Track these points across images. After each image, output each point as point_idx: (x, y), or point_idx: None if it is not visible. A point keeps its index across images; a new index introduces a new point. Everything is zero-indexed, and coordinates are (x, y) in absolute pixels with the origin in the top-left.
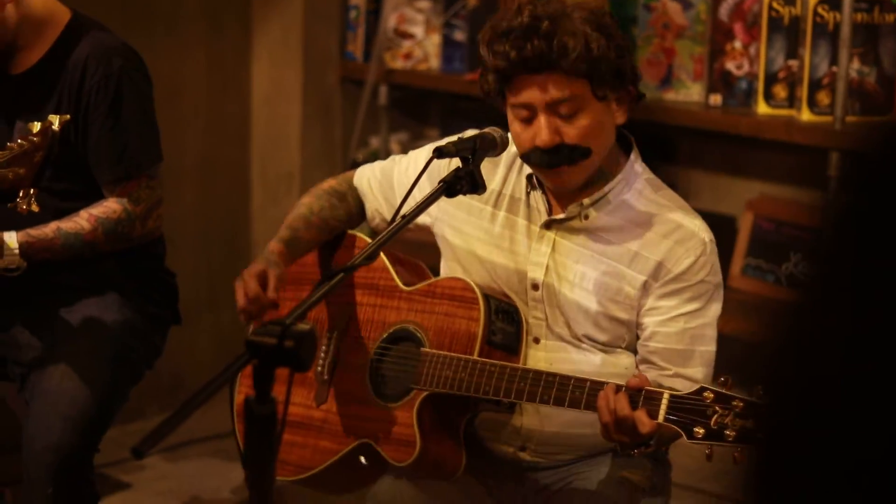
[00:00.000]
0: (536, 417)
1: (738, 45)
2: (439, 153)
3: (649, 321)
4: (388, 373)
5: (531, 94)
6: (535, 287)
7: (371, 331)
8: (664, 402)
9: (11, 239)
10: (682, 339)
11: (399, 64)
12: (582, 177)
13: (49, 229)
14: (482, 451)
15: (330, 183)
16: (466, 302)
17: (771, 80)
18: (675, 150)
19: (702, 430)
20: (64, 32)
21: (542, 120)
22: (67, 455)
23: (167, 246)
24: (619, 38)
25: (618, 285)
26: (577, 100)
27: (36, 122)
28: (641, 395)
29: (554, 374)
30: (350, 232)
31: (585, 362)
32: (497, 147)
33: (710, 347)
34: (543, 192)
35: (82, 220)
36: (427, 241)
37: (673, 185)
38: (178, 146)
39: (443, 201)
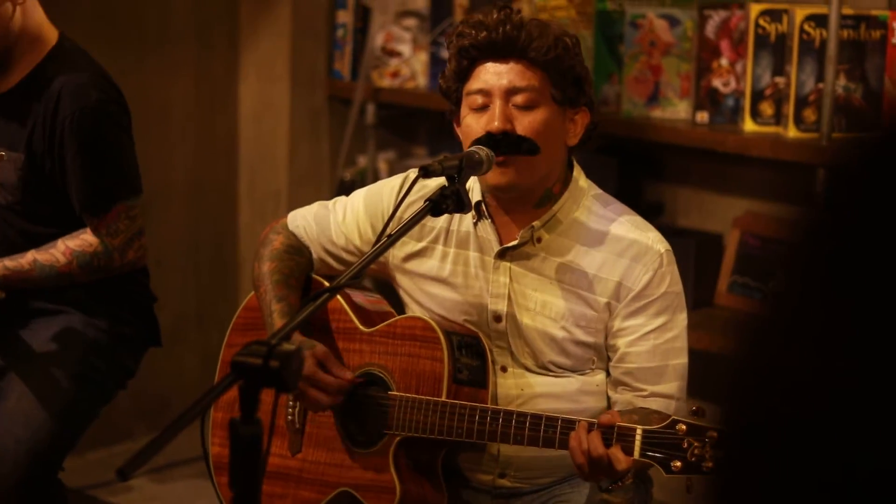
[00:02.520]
0: (511, 448)
1: (724, 62)
2: (425, 172)
3: (620, 342)
4: (359, 418)
5: (490, 79)
6: (498, 319)
7: (341, 357)
8: (638, 437)
9: None
10: (653, 356)
11: (386, 82)
12: (530, 177)
13: (25, 260)
14: (462, 482)
15: (279, 240)
16: (429, 342)
17: (757, 97)
18: (661, 168)
19: (679, 464)
20: (46, 57)
21: (497, 105)
22: (23, 478)
23: (154, 264)
24: (582, 58)
25: (580, 310)
26: (535, 92)
27: None
28: (614, 433)
29: (525, 414)
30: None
31: (557, 384)
32: (483, 165)
33: (682, 360)
34: (492, 222)
35: (58, 253)
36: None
37: (660, 203)
38: (166, 164)
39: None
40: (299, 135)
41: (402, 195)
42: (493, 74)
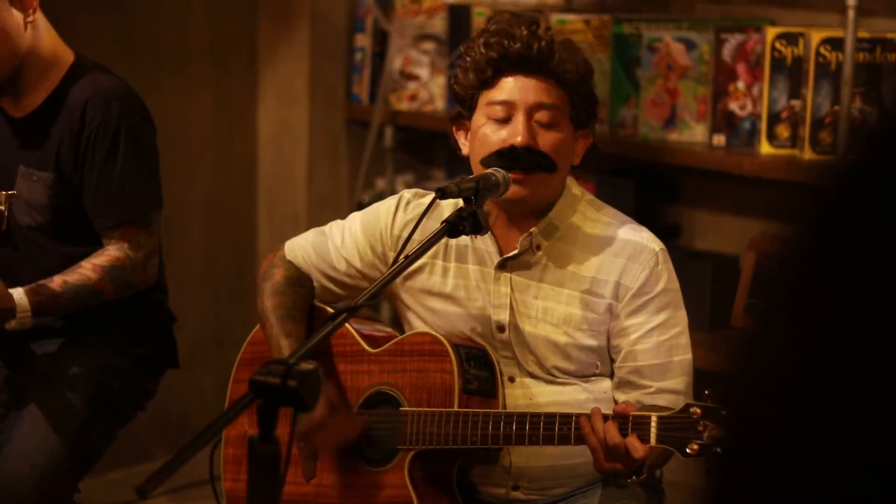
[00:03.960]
0: (525, 454)
1: (741, 85)
2: (442, 194)
3: (623, 342)
4: (372, 438)
5: (517, 93)
6: (501, 329)
7: (346, 398)
8: (653, 424)
9: (22, 300)
10: (658, 353)
11: (404, 106)
12: (543, 193)
13: (55, 284)
14: (475, 497)
15: (280, 273)
16: (437, 355)
17: (774, 119)
18: (678, 191)
19: (696, 446)
20: (66, 76)
21: (520, 120)
22: (38, 502)
23: (173, 285)
24: (591, 73)
25: (581, 314)
26: (558, 112)
27: None
28: (629, 421)
29: (538, 414)
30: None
31: (564, 393)
32: (500, 187)
33: (687, 356)
34: (492, 233)
35: (87, 271)
36: None
37: (676, 226)
38: (185, 185)
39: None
40: (318, 157)
41: (420, 215)
42: (520, 88)
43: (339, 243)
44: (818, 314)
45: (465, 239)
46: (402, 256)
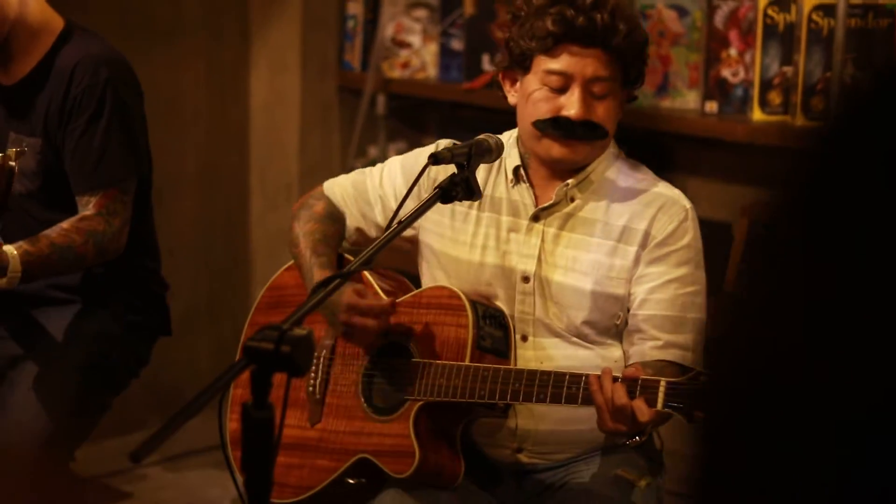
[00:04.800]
0: (531, 417)
1: (733, 52)
2: (435, 159)
3: (639, 290)
4: (381, 386)
5: (575, 65)
6: (526, 279)
7: (360, 346)
8: (661, 390)
9: (15, 259)
10: (673, 305)
11: (396, 73)
12: (592, 155)
13: (43, 245)
14: (480, 458)
15: (320, 206)
16: (453, 309)
17: (766, 86)
18: (671, 158)
19: (701, 414)
20: (56, 42)
21: (577, 92)
22: (33, 470)
23: (166, 254)
24: (647, 38)
25: (610, 261)
26: (612, 83)
27: None
28: (638, 385)
29: (548, 373)
30: None
31: (575, 357)
32: (493, 152)
33: (701, 315)
34: (529, 185)
35: (72, 234)
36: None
37: None
38: (178, 154)
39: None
40: (310, 125)
41: (413, 182)
42: (579, 60)
43: (377, 182)
44: (801, 278)
45: (502, 190)
46: (395, 221)
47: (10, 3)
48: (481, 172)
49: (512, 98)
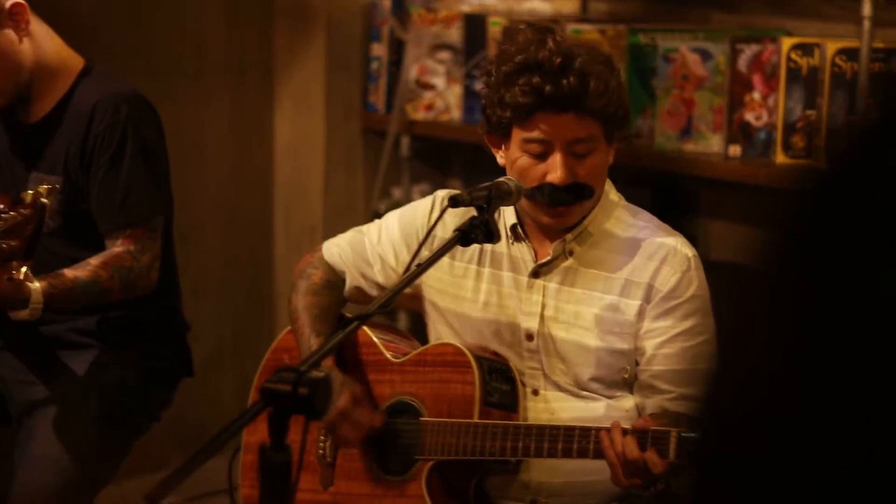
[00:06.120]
0: (544, 470)
1: (756, 95)
2: (454, 202)
3: (648, 345)
4: (391, 447)
5: (552, 131)
6: (530, 337)
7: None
8: (673, 440)
9: (37, 292)
10: (683, 359)
11: (421, 115)
12: (580, 216)
13: (67, 279)
14: None
15: (318, 275)
16: (459, 366)
17: (790, 130)
18: (694, 201)
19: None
20: (75, 81)
21: (558, 157)
22: None
23: (190, 294)
24: (622, 80)
25: (614, 317)
26: (593, 141)
27: (29, 192)
28: (649, 437)
29: (557, 427)
30: None
31: (587, 409)
32: (512, 195)
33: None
34: (528, 241)
35: (98, 268)
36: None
37: (693, 236)
38: (201, 194)
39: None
40: (334, 167)
41: (432, 224)
42: (555, 126)
43: (375, 241)
44: (794, 318)
45: (502, 245)
46: (413, 265)
47: (24, 52)
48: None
49: (500, 160)
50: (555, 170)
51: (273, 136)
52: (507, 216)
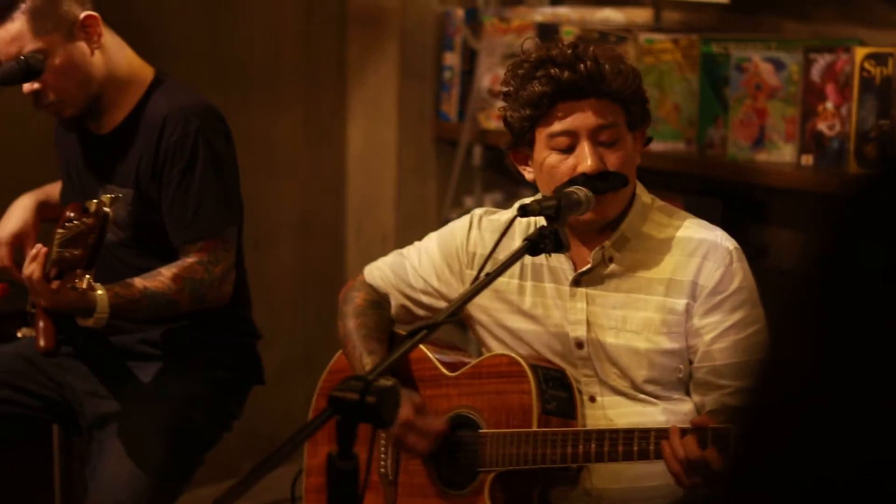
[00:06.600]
0: (605, 476)
1: (829, 105)
2: (523, 212)
3: (699, 342)
4: (451, 461)
5: (575, 120)
6: (580, 345)
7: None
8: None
9: (103, 301)
10: (735, 351)
11: (493, 124)
12: (620, 207)
13: (135, 289)
14: None
15: (360, 297)
16: (514, 376)
17: (862, 139)
18: (766, 211)
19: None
20: (146, 93)
21: (585, 146)
22: None
23: (263, 303)
24: (636, 68)
25: (661, 317)
26: (618, 127)
27: (92, 201)
28: (709, 434)
29: (616, 430)
30: None
31: (645, 413)
32: (582, 205)
33: None
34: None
35: (167, 279)
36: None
37: (765, 246)
38: (274, 203)
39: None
40: (406, 176)
41: (503, 233)
42: (577, 115)
43: (416, 263)
44: (840, 326)
45: (540, 257)
46: (482, 274)
47: (96, 64)
48: (517, 242)
49: (529, 175)
50: (584, 159)
51: (345, 145)
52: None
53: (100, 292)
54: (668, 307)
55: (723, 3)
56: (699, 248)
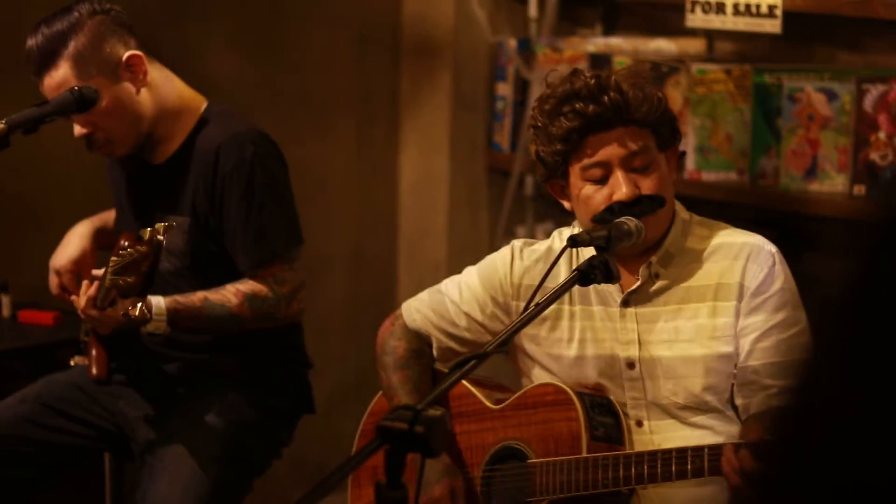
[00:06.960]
0: (655, 500)
1: (882, 135)
2: (574, 242)
3: (744, 341)
4: (502, 493)
5: (607, 151)
6: (631, 365)
7: (473, 457)
8: None
9: (160, 305)
10: (778, 351)
11: None
12: (661, 228)
13: (196, 298)
14: None
15: (402, 347)
16: (561, 404)
17: None
18: (819, 241)
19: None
20: (199, 121)
21: (619, 175)
22: None
23: (315, 333)
24: (660, 88)
25: (713, 322)
26: (649, 151)
27: (146, 230)
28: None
29: (668, 450)
30: None
31: (691, 438)
32: (632, 235)
33: None
34: None
35: (229, 294)
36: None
37: (818, 275)
38: (327, 233)
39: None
40: (458, 206)
41: (553, 262)
42: (607, 146)
43: (457, 299)
44: (878, 338)
45: None
46: (532, 304)
47: (143, 102)
48: (563, 268)
49: (567, 205)
50: (619, 188)
51: (398, 175)
52: (585, 252)
53: (159, 299)
54: (719, 311)
55: (775, 33)
56: (742, 251)
